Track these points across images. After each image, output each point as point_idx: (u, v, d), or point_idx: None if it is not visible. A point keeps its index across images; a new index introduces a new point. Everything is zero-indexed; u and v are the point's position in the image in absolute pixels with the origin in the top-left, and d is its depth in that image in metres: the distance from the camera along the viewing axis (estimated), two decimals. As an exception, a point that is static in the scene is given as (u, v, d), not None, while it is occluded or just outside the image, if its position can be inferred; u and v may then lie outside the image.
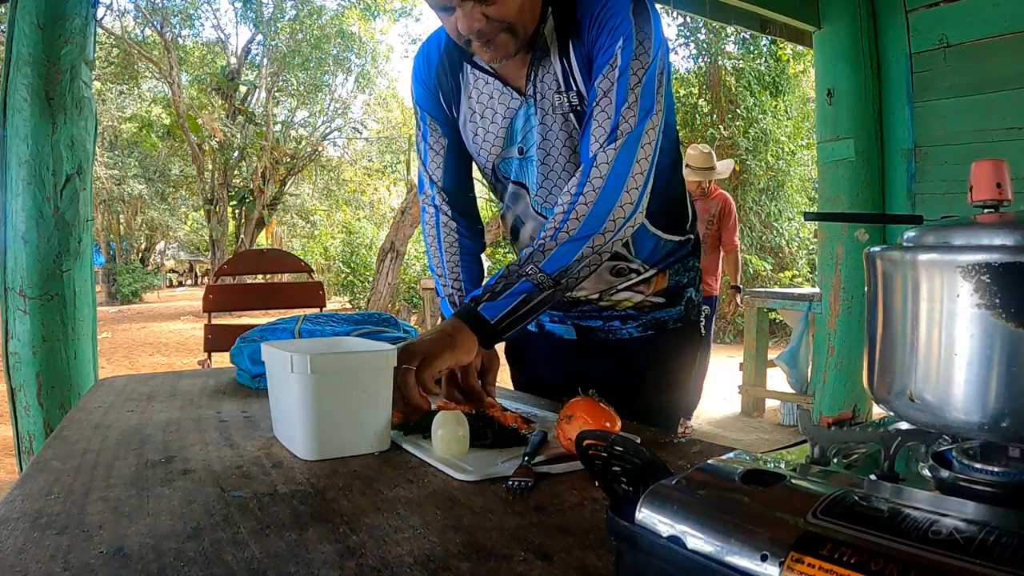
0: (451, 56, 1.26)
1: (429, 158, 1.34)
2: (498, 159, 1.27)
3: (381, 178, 20.35)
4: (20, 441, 2.43)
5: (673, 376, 1.34)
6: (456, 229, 1.35)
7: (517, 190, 1.28)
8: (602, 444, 0.52)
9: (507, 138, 1.24)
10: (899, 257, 0.55)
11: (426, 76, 1.30)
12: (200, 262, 29.37)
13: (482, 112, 1.24)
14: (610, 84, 1.08)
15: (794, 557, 0.39)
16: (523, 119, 1.20)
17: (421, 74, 1.31)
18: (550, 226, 1.10)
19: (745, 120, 10.06)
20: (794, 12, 3.74)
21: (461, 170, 1.36)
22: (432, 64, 1.29)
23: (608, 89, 1.08)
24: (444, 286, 1.33)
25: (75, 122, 2.42)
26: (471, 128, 1.27)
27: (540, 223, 1.26)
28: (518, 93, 1.20)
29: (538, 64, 1.16)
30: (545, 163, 1.21)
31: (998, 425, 0.49)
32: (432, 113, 1.31)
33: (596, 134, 1.09)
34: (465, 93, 1.26)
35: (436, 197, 1.35)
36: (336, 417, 0.91)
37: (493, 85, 1.22)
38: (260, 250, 5.55)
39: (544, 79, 1.17)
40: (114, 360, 8.32)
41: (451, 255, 1.34)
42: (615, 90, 1.08)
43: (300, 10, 15.90)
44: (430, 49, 1.30)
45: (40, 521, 0.69)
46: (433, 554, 0.61)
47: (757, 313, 5.17)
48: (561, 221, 1.09)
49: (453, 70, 1.26)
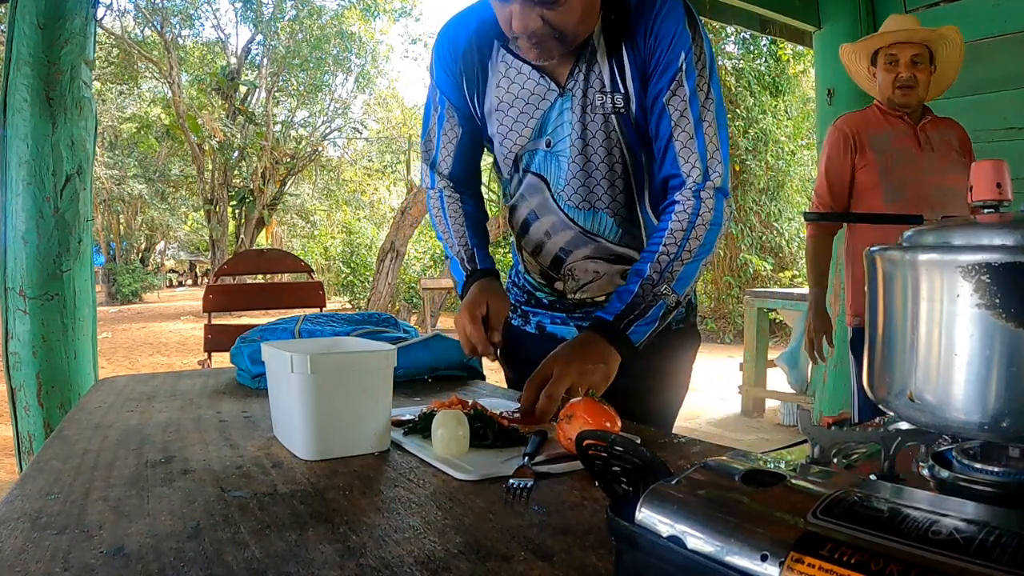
0: (481, 43, 1.22)
1: (441, 144, 1.33)
2: (523, 149, 1.25)
3: (381, 178, 20.34)
4: (20, 441, 2.43)
5: (673, 376, 1.34)
6: (459, 199, 1.36)
7: (537, 183, 1.26)
8: (602, 444, 0.53)
9: (537, 129, 1.22)
10: (899, 257, 0.55)
11: (451, 62, 1.26)
12: (200, 262, 29.36)
13: (512, 101, 1.22)
14: (683, 103, 1.12)
15: (794, 557, 0.39)
16: (557, 111, 1.19)
17: (445, 59, 1.27)
18: (670, 245, 1.12)
19: (745, 120, 10.06)
20: (794, 12, 3.74)
21: (471, 159, 1.35)
22: (458, 50, 1.25)
23: (683, 109, 1.12)
24: (451, 247, 1.34)
25: (75, 122, 2.42)
26: (498, 116, 1.24)
27: (564, 220, 1.25)
28: (556, 85, 1.18)
29: (584, 61, 1.16)
30: (576, 161, 1.20)
31: (998, 425, 0.49)
32: (452, 99, 1.29)
33: (685, 155, 1.14)
34: (494, 80, 1.23)
35: (439, 182, 1.35)
36: (336, 417, 0.91)
37: (527, 75, 1.19)
38: (260, 250, 5.56)
39: (588, 77, 1.16)
40: (114, 360, 8.32)
41: (455, 220, 1.34)
42: (690, 110, 1.12)
43: (300, 10, 15.89)
44: (457, 34, 1.25)
45: (40, 521, 0.69)
46: (433, 554, 0.61)
47: (757, 313, 5.17)
48: (683, 241, 1.12)
49: (482, 57, 1.23)
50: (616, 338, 1.09)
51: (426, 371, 1.50)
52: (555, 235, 1.28)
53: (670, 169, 1.15)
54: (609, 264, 1.27)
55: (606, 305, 1.14)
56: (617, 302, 1.12)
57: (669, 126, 1.13)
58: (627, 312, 1.10)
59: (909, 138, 2.33)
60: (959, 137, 2.41)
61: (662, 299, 1.11)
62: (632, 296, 1.11)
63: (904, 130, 2.34)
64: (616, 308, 1.11)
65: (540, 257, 1.31)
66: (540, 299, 1.38)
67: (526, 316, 1.41)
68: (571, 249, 1.27)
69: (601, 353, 1.08)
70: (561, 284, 1.32)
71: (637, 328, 1.10)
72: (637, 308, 1.10)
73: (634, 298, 1.11)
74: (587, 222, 1.24)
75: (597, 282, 1.29)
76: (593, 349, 1.08)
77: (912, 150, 2.32)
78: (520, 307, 1.43)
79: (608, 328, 1.10)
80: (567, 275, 1.30)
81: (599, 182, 1.21)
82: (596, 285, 1.29)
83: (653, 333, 1.12)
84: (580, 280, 1.29)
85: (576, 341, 1.12)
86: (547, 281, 1.34)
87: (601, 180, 1.21)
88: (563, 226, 1.26)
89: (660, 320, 1.12)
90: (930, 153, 2.33)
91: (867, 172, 2.33)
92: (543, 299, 1.37)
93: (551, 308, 1.36)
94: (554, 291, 1.34)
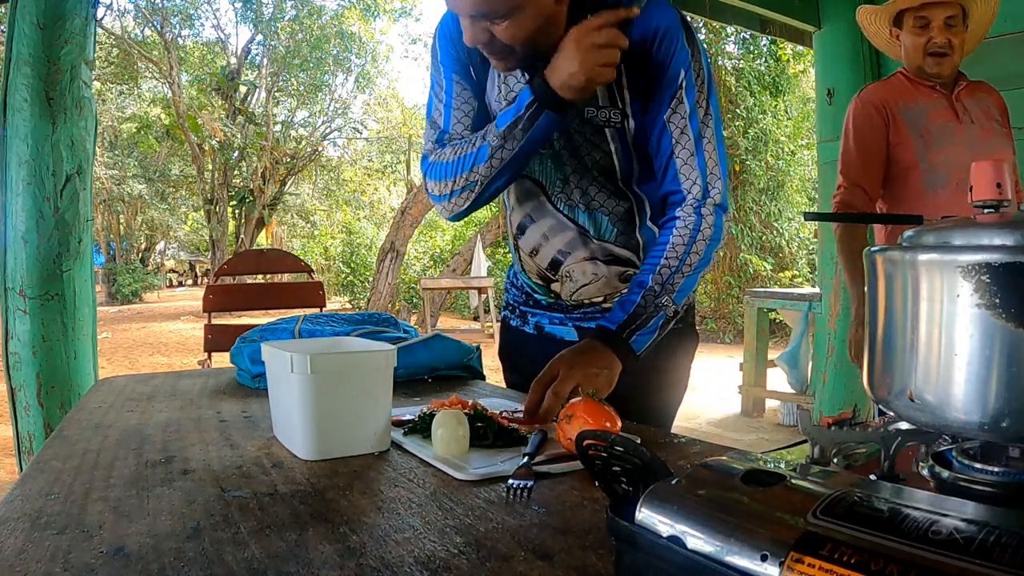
0: None
1: (453, 118, 1.24)
2: None
3: (381, 178, 20.35)
4: (20, 441, 2.43)
5: (672, 376, 1.34)
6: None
7: (531, 187, 1.27)
8: (602, 444, 0.53)
9: None
10: (899, 257, 0.55)
11: (454, 49, 1.23)
12: (200, 262, 29.37)
13: (509, 100, 1.20)
14: (683, 121, 1.13)
15: (794, 557, 0.39)
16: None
17: (448, 48, 1.23)
18: (672, 259, 1.14)
19: (745, 120, 10.07)
20: (794, 12, 3.74)
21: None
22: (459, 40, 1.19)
23: (684, 127, 1.14)
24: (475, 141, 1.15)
25: (75, 122, 2.42)
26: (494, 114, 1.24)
27: (562, 221, 1.26)
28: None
29: None
30: (568, 164, 1.21)
31: (998, 425, 0.49)
32: (461, 76, 1.24)
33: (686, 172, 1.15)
34: (491, 76, 1.23)
35: None
36: (336, 417, 0.91)
37: (519, 78, 1.19)
38: (260, 250, 5.55)
39: None
40: (114, 360, 8.32)
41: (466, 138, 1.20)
42: (690, 127, 1.14)
43: (300, 10, 15.90)
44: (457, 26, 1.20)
45: (40, 521, 0.69)
46: (433, 554, 0.61)
47: (757, 313, 5.18)
48: (684, 255, 1.14)
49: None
50: (619, 346, 1.10)
51: (426, 371, 1.50)
52: (553, 237, 1.28)
53: (671, 186, 1.17)
54: (607, 266, 1.27)
55: (608, 314, 1.15)
56: (620, 311, 1.13)
57: (670, 144, 1.15)
58: (629, 321, 1.11)
59: (945, 111, 2.01)
60: (997, 104, 2.08)
61: (663, 310, 1.13)
62: (635, 306, 1.12)
63: (938, 102, 2.02)
64: (619, 317, 1.12)
65: (538, 259, 1.32)
66: (538, 300, 1.38)
67: (524, 317, 1.41)
68: (570, 251, 1.27)
69: (605, 359, 1.09)
70: (558, 286, 1.32)
71: (639, 337, 1.12)
72: (639, 318, 1.12)
73: (636, 308, 1.12)
74: (587, 222, 1.25)
75: (595, 284, 1.29)
76: (598, 355, 1.09)
77: (951, 125, 2.00)
78: (519, 308, 1.43)
79: (611, 336, 1.11)
80: (565, 277, 1.30)
81: (592, 183, 1.22)
82: (594, 287, 1.29)
83: (653, 343, 1.14)
84: (578, 282, 1.29)
85: (580, 347, 1.12)
86: (544, 283, 1.34)
87: (595, 180, 1.22)
88: (562, 227, 1.26)
89: (660, 330, 1.14)
90: (971, 126, 2.00)
91: (903, 150, 2.02)
92: (541, 300, 1.37)
93: (549, 309, 1.37)
94: (551, 293, 1.34)
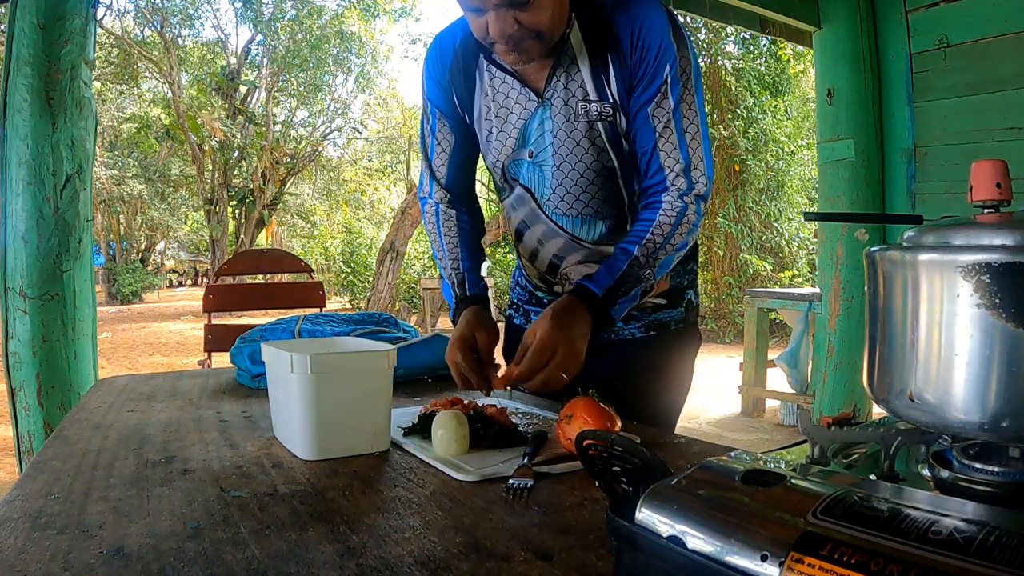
0: (467, 53, 1.24)
1: (435, 154, 1.33)
2: (508, 160, 1.26)
3: (381, 178, 20.34)
4: (20, 441, 2.43)
5: (673, 377, 1.34)
6: (455, 216, 1.35)
7: (523, 194, 1.27)
8: (602, 444, 0.53)
9: (519, 140, 1.23)
10: (899, 257, 0.55)
11: (439, 73, 1.28)
12: (200, 262, 29.36)
13: (496, 111, 1.23)
14: (667, 115, 1.13)
15: (794, 557, 0.39)
16: (537, 122, 1.20)
17: (434, 71, 1.29)
18: (657, 235, 1.13)
19: (745, 120, 10.06)
20: (794, 12, 3.74)
21: (465, 168, 1.36)
22: (446, 61, 1.27)
23: (667, 121, 1.13)
24: (444, 268, 1.33)
25: (75, 122, 2.42)
26: (486, 126, 1.26)
27: (553, 228, 1.26)
28: (535, 95, 1.19)
29: (561, 69, 1.16)
30: (561, 169, 1.21)
31: (998, 425, 0.49)
32: (443, 109, 1.30)
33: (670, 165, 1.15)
34: (481, 91, 1.25)
35: (436, 193, 1.35)
36: (336, 417, 0.91)
37: (511, 84, 1.20)
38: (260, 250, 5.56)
39: (568, 85, 1.16)
40: (114, 360, 8.32)
41: (450, 239, 1.34)
42: (673, 121, 1.13)
43: (300, 10, 15.89)
44: (444, 45, 1.27)
45: (40, 521, 0.69)
46: (433, 554, 0.61)
47: (757, 313, 5.17)
48: (669, 234, 1.13)
49: (468, 68, 1.25)
50: (599, 311, 1.10)
51: (426, 371, 1.50)
52: (547, 243, 1.29)
53: (654, 178, 1.17)
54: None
55: (594, 275, 1.13)
56: (606, 276, 1.12)
57: (653, 137, 1.14)
58: (615, 287, 1.11)
59: None
60: None
61: (644, 282, 1.13)
62: (620, 273, 1.11)
63: None
64: (605, 282, 1.11)
65: (536, 263, 1.32)
66: (541, 298, 1.39)
67: (527, 315, 1.42)
68: (564, 255, 1.28)
69: (586, 324, 1.08)
70: (560, 288, 1.32)
71: (620, 304, 1.12)
72: (623, 285, 1.11)
73: (622, 275, 1.11)
74: (576, 229, 1.25)
75: None
76: (580, 319, 1.08)
77: None
78: (522, 306, 1.44)
79: (594, 300, 1.10)
80: (564, 279, 1.30)
81: (586, 189, 1.22)
82: None
83: (626, 311, 1.15)
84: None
85: (563, 308, 1.09)
86: (546, 285, 1.35)
87: (588, 187, 1.22)
88: (553, 234, 1.27)
89: (636, 300, 1.15)
90: None
91: None
92: (544, 299, 1.38)
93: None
94: (553, 293, 1.34)
